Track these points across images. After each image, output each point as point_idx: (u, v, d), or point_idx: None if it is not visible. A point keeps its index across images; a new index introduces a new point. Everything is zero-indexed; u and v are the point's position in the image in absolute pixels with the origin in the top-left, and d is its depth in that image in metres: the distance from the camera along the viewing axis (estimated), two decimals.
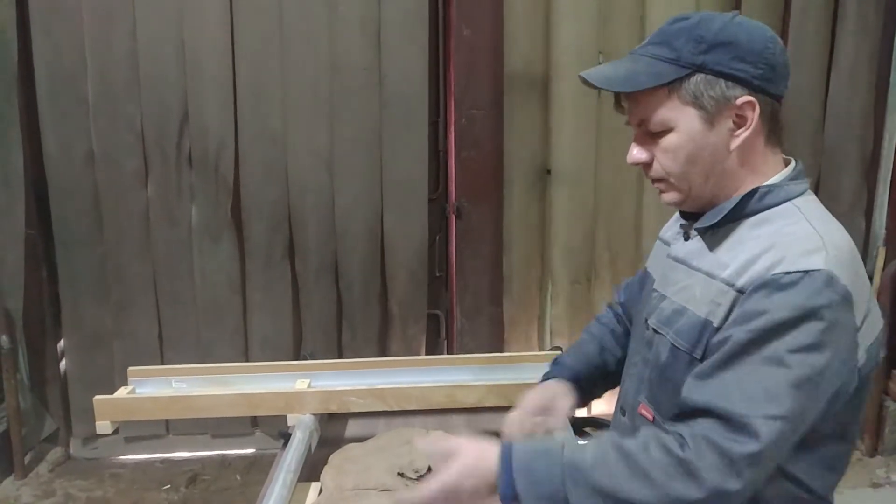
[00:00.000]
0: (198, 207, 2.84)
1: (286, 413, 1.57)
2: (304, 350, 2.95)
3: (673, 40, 0.99)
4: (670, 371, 1.04)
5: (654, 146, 1.04)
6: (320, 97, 2.78)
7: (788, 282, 0.91)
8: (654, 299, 1.14)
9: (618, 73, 1.02)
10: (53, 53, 2.69)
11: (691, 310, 1.02)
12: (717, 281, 0.99)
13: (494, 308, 2.98)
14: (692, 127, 1.00)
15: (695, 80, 0.98)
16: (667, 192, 1.07)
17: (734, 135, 1.00)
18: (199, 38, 2.70)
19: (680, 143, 1.01)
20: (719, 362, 0.92)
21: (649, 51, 1.02)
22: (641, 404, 1.11)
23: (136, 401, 1.57)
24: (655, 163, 1.05)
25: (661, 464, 0.88)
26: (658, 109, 1.00)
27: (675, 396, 1.00)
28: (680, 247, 1.12)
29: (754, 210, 1.02)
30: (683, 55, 0.98)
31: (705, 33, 0.98)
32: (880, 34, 2.87)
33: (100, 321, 2.90)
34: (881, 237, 3.03)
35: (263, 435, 3.10)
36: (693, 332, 1.00)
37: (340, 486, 1.28)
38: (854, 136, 2.93)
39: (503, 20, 2.76)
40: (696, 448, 0.87)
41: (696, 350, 0.99)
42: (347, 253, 2.90)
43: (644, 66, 1.00)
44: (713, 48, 0.97)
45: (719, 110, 0.99)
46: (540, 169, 2.90)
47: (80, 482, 2.88)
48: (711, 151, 1.01)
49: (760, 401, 0.87)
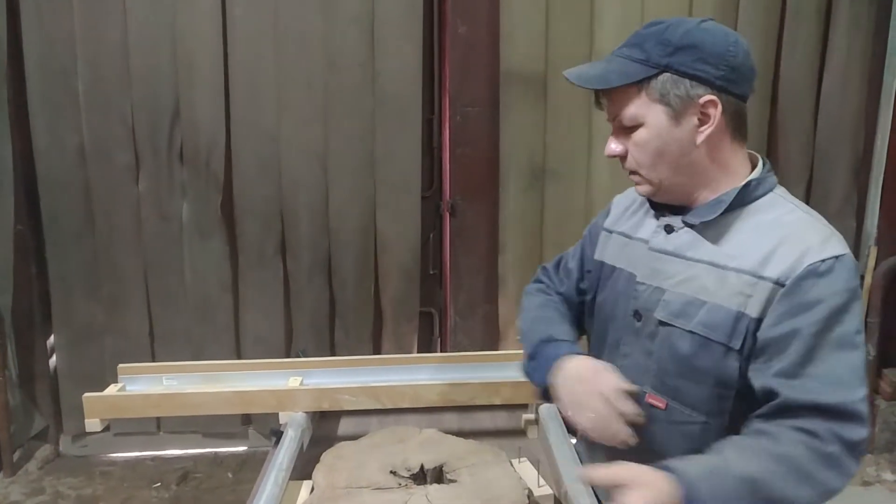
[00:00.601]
0: (189, 204, 2.82)
1: (278, 411, 1.55)
2: (295, 348, 2.94)
3: (644, 43, 1.10)
4: (697, 360, 1.10)
5: (627, 140, 1.14)
6: (314, 93, 2.77)
7: (826, 269, 1.01)
8: (643, 293, 1.18)
9: (595, 72, 1.13)
10: (44, 47, 2.67)
11: (712, 301, 1.08)
12: (733, 272, 1.07)
13: (489, 306, 2.98)
14: (660, 122, 1.09)
15: (661, 80, 1.08)
16: (641, 184, 1.18)
17: (699, 131, 1.09)
18: (191, 32, 2.68)
19: (649, 137, 1.11)
20: (802, 358, 1.00)
21: (623, 52, 1.13)
22: (648, 394, 1.16)
23: (127, 398, 1.56)
24: (629, 155, 1.15)
25: (813, 461, 0.96)
26: (629, 106, 1.11)
27: (702, 383, 1.10)
28: (664, 240, 1.18)
29: (748, 201, 1.12)
30: (652, 56, 1.08)
31: (671, 37, 1.08)
32: (873, 34, 2.89)
33: (90, 317, 2.88)
34: (873, 236, 3.04)
35: (255, 433, 3.09)
36: (725, 323, 1.06)
37: (332, 485, 1.28)
38: (846, 135, 2.95)
39: (499, 17, 2.75)
40: (831, 441, 0.97)
41: (733, 341, 1.06)
42: (341, 250, 2.89)
43: (617, 66, 1.11)
44: (678, 51, 1.07)
45: (684, 108, 1.08)
46: (535, 167, 2.89)
47: (70, 480, 2.87)
48: (678, 146, 1.10)
49: (854, 386, 0.99)
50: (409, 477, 1.31)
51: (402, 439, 1.45)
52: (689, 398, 1.12)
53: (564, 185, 2.89)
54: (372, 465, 1.33)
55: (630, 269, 1.23)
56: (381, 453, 1.38)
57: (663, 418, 1.15)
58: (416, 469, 1.32)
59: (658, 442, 1.15)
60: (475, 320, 2.97)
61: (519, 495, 1.25)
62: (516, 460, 1.40)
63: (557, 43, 2.77)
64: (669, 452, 1.11)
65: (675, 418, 1.14)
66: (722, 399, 1.10)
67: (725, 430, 1.09)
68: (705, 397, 1.10)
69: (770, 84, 2.89)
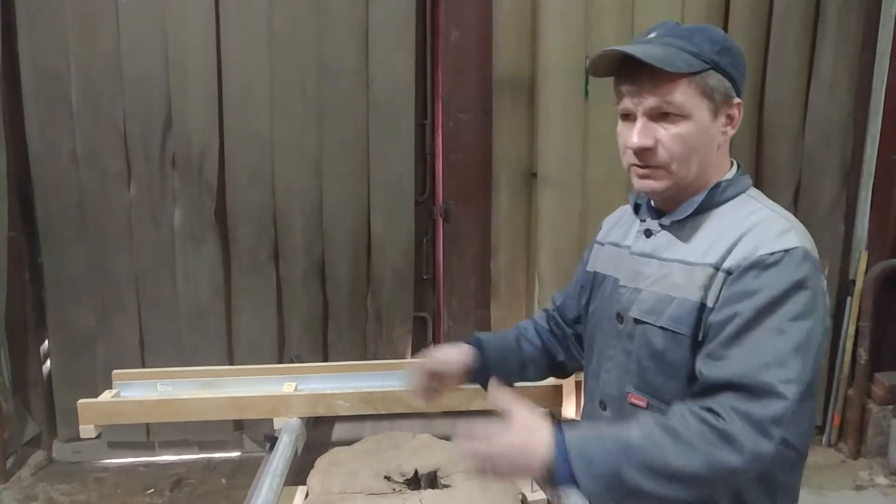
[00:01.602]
0: (181, 210, 2.82)
1: (273, 416, 1.56)
2: (288, 353, 2.94)
3: (692, 36, 1.08)
4: (670, 355, 1.10)
5: (659, 132, 1.10)
6: (308, 99, 2.78)
7: (773, 261, 1.02)
8: (623, 294, 1.20)
9: (657, 53, 1.06)
10: (38, 54, 2.67)
11: (680, 296, 1.09)
12: (698, 266, 1.09)
13: (482, 311, 2.99)
14: (703, 117, 1.09)
15: (712, 76, 1.08)
16: (659, 179, 1.12)
17: (724, 132, 1.13)
18: (183, 39, 2.69)
19: (692, 130, 1.08)
20: (727, 340, 1.01)
21: (672, 42, 1.09)
22: (630, 394, 1.17)
23: (121, 404, 1.56)
24: (660, 148, 1.10)
25: (703, 436, 0.96)
26: (679, 95, 1.07)
27: (676, 378, 1.10)
28: (644, 243, 1.20)
29: (718, 202, 1.14)
30: (704, 52, 1.07)
31: (717, 37, 1.09)
32: (860, 42, 2.91)
33: (84, 323, 2.88)
34: (864, 241, 3.06)
35: (249, 438, 3.09)
36: (690, 315, 1.08)
37: (327, 490, 1.28)
38: (833, 142, 2.97)
39: (491, 24, 2.77)
40: (730, 418, 0.96)
41: (698, 332, 1.07)
42: (334, 255, 2.90)
43: (675, 53, 1.07)
44: (724, 51, 1.09)
45: (722, 107, 1.10)
46: (527, 172, 2.90)
47: (63, 486, 2.86)
48: (710, 143, 1.11)
49: (773, 367, 0.97)
50: (403, 482, 1.31)
51: (397, 445, 1.45)
52: (666, 394, 1.12)
53: (557, 190, 2.90)
54: (366, 471, 1.33)
55: (615, 275, 1.25)
56: (376, 459, 1.38)
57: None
58: (410, 474, 1.33)
59: None
60: (468, 325, 2.98)
61: (512, 500, 1.26)
62: None
63: (549, 49, 2.79)
64: None
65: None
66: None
67: None
68: (681, 392, 1.09)
69: (758, 89, 2.91)
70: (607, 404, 1.22)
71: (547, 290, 2.98)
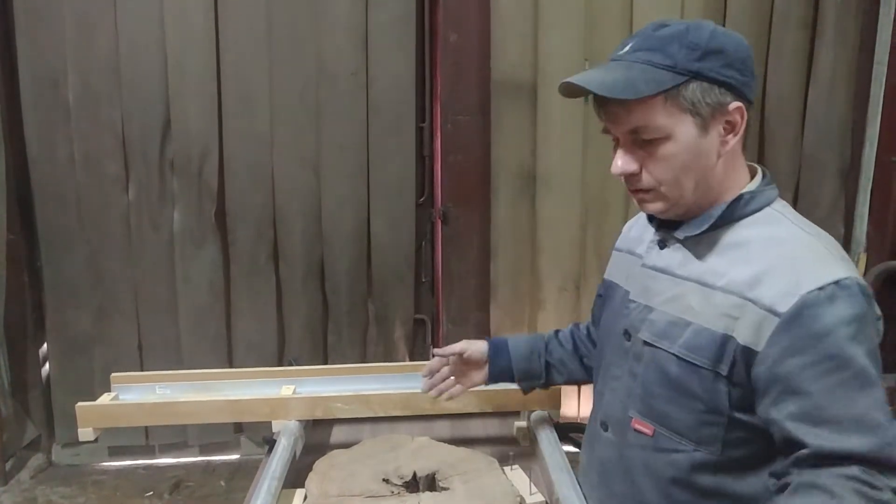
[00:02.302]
0: (180, 213, 2.82)
1: (271, 419, 1.56)
2: (288, 356, 2.95)
3: (666, 47, 0.98)
4: (686, 385, 1.02)
5: (643, 156, 1.02)
6: (307, 101, 2.78)
7: (827, 296, 0.91)
8: (633, 310, 1.13)
9: (615, 80, 0.98)
10: (37, 57, 2.67)
11: (697, 323, 1.01)
12: (719, 291, 0.99)
13: (481, 314, 2.98)
14: (688, 134, 0.99)
15: (692, 87, 0.97)
16: (653, 202, 1.05)
17: (724, 140, 1.01)
18: (182, 42, 2.69)
19: (676, 151, 0.99)
20: (823, 399, 0.91)
21: (641, 57, 0.99)
22: (634, 419, 1.10)
23: (120, 407, 1.56)
24: (645, 173, 1.03)
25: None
26: (654, 117, 0.98)
27: (689, 409, 1.02)
28: (656, 256, 1.12)
29: (739, 216, 1.03)
30: (679, 62, 0.97)
31: (698, 40, 0.97)
32: (858, 45, 2.91)
33: (83, 327, 2.87)
34: (862, 244, 3.07)
35: (248, 440, 3.09)
36: (710, 347, 0.99)
37: (325, 493, 1.28)
38: (832, 144, 2.96)
39: (490, 26, 2.77)
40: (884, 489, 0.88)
41: (721, 366, 0.98)
42: (334, 257, 2.90)
43: (639, 72, 0.98)
44: (707, 55, 0.97)
45: (713, 117, 0.99)
46: (527, 174, 2.90)
47: (62, 489, 2.86)
48: (704, 158, 1.01)
49: (885, 427, 0.89)
50: (401, 485, 1.31)
51: (395, 447, 1.46)
52: (677, 424, 1.04)
53: (556, 193, 2.89)
54: (365, 474, 1.33)
55: (626, 287, 1.18)
56: (374, 461, 1.38)
57: (650, 445, 1.08)
58: (408, 477, 1.33)
59: (644, 470, 1.09)
60: (467, 328, 2.98)
61: (511, 502, 1.26)
62: (508, 468, 1.41)
63: (548, 51, 2.79)
64: (656, 482, 1.07)
65: (662, 445, 1.06)
66: (712, 426, 1.01)
67: (715, 460, 1.02)
68: (694, 424, 1.02)
69: (759, 91, 2.91)
70: (609, 426, 1.16)
71: (547, 293, 2.98)
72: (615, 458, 1.14)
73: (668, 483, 1.06)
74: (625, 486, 1.12)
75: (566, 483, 1.27)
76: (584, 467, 1.26)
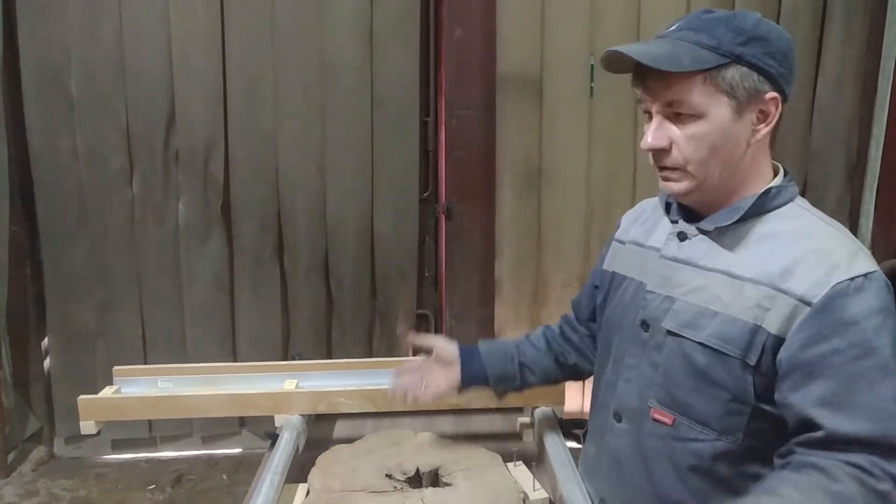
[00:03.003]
0: (185, 206, 2.82)
1: (274, 413, 1.55)
2: (292, 350, 2.95)
3: (713, 29, 1.00)
4: (714, 374, 1.03)
5: (674, 132, 1.04)
6: (312, 96, 2.77)
7: (857, 287, 0.94)
8: (651, 301, 1.12)
9: (661, 52, 1.01)
10: (39, 49, 2.66)
11: (725, 313, 1.02)
12: (749, 283, 1.01)
13: (484, 309, 2.98)
14: (722, 116, 1.01)
15: (732, 70, 0.99)
16: (679, 181, 1.06)
17: (755, 129, 1.03)
18: (187, 35, 2.68)
19: (707, 130, 1.01)
20: (842, 385, 0.93)
21: (688, 36, 1.02)
22: (653, 409, 1.10)
23: (122, 400, 1.56)
24: (674, 149, 1.04)
25: (869, 502, 0.89)
26: (691, 93, 1.00)
27: (715, 398, 1.03)
28: (677, 248, 1.12)
29: (767, 209, 1.06)
30: (724, 44, 0.99)
31: (744, 25, 1.00)
32: (866, 42, 2.90)
33: (85, 319, 2.88)
34: (867, 242, 3.06)
35: (251, 434, 3.09)
36: (741, 336, 1.00)
37: (328, 488, 1.28)
38: (840, 142, 2.96)
39: (496, 21, 2.76)
40: (883, 479, 0.89)
41: (749, 356, 1.00)
42: (338, 252, 2.90)
43: (685, 49, 1.00)
44: (751, 41, 0.99)
45: (749, 103, 1.01)
46: (532, 169, 2.89)
47: (64, 482, 2.86)
48: (734, 143, 1.03)
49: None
50: (404, 480, 1.31)
51: (398, 442, 1.45)
52: (700, 414, 1.05)
53: (561, 188, 2.89)
54: (367, 469, 1.33)
55: (640, 279, 1.17)
56: (377, 456, 1.38)
57: (669, 434, 1.09)
58: (411, 472, 1.33)
59: (662, 459, 1.10)
60: (471, 323, 2.97)
61: (514, 499, 1.25)
62: (511, 464, 1.40)
63: (554, 46, 2.78)
64: (674, 471, 1.08)
65: (682, 434, 1.07)
66: (737, 416, 1.02)
67: (736, 449, 1.04)
68: (719, 413, 1.03)
69: None
70: (623, 416, 1.15)
71: (552, 289, 2.97)
72: (630, 449, 1.14)
73: (687, 472, 1.07)
74: (640, 475, 1.13)
75: (570, 479, 1.26)
76: (591, 459, 1.26)
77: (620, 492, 1.17)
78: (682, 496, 1.08)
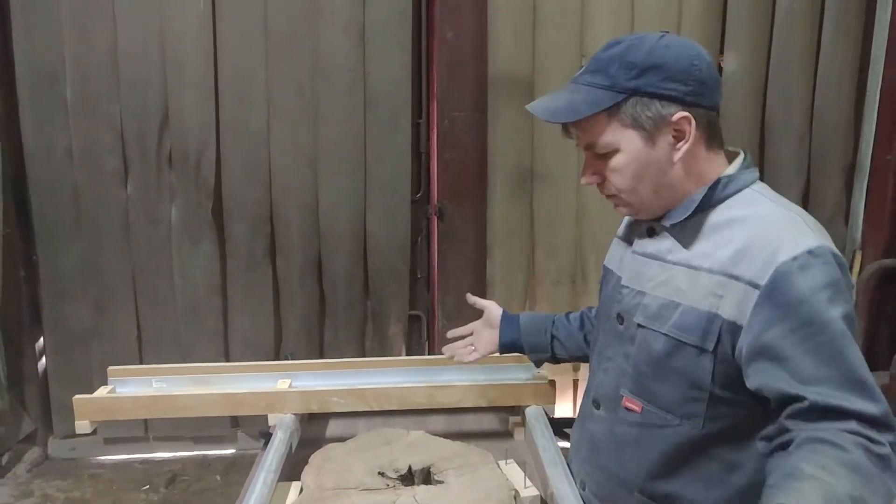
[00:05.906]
0: (177, 208, 2.83)
1: (267, 413, 1.57)
2: (284, 350, 2.95)
3: (607, 68, 1.07)
4: (671, 362, 1.09)
5: (604, 167, 1.12)
6: (304, 98, 2.78)
7: (801, 265, 0.97)
8: (625, 295, 1.19)
9: (559, 105, 1.10)
10: (34, 51, 2.67)
11: (686, 304, 1.07)
12: (703, 272, 1.05)
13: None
14: (635, 146, 1.08)
15: (631, 104, 1.05)
16: (622, 206, 1.16)
17: (675, 148, 1.08)
18: (180, 37, 2.69)
19: (626, 162, 1.09)
20: (807, 362, 0.95)
21: (586, 79, 1.09)
22: (625, 397, 1.17)
23: (117, 400, 1.57)
24: (607, 182, 1.14)
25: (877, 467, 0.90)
26: (602, 133, 1.09)
27: (674, 385, 1.09)
28: (647, 243, 1.18)
29: (719, 199, 1.10)
30: (618, 81, 1.05)
31: (634, 59, 1.05)
32: (860, 43, 2.92)
33: (80, 320, 2.88)
34: (857, 242, 3.08)
35: (244, 435, 3.09)
36: (698, 325, 1.05)
37: (321, 486, 1.29)
38: (838, 143, 2.97)
39: (487, 23, 2.77)
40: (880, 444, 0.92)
41: (707, 342, 1.05)
42: (330, 252, 2.90)
43: (583, 95, 1.08)
44: (644, 72, 1.04)
45: (658, 128, 1.06)
46: (523, 170, 2.91)
47: (59, 482, 2.86)
48: (656, 166, 1.09)
49: (871, 385, 0.95)
50: (396, 478, 1.32)
51: (390, 441, 1.46)
52: (663, 401, 1.11)
53: (553, 189, 2.90)
54: (360, 467, 1.34)
55: (619, 273, 1.24)
56: (369, 455, 1.39)
57: (639, 421, 1.15)
58: (403, 470, 1.34)
59: (633, 445, 1.16)
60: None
61: (505, 496, 1.27)
62: (503, 462, 1.42)
63: (545, 47, 2.80)
64: (644, 455, 1.15)
65: (650, 421, 1.14)
66: (695, 402, 1.07)
67: (699, 434, 1.08)
68: (678, 399, 1.09)
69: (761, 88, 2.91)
70: (601, 404, 1.23)
71: (544, 289, 2.98)
72: (606, 435, 1.22)
73: (656, 456, 1.13)
74: (612, 460, 1.20)
75: (560, 477, 1.28)
76: (574, 443, 1.35)
77: (597, 475, 1.24)
78: (647, 481, 1.15)
